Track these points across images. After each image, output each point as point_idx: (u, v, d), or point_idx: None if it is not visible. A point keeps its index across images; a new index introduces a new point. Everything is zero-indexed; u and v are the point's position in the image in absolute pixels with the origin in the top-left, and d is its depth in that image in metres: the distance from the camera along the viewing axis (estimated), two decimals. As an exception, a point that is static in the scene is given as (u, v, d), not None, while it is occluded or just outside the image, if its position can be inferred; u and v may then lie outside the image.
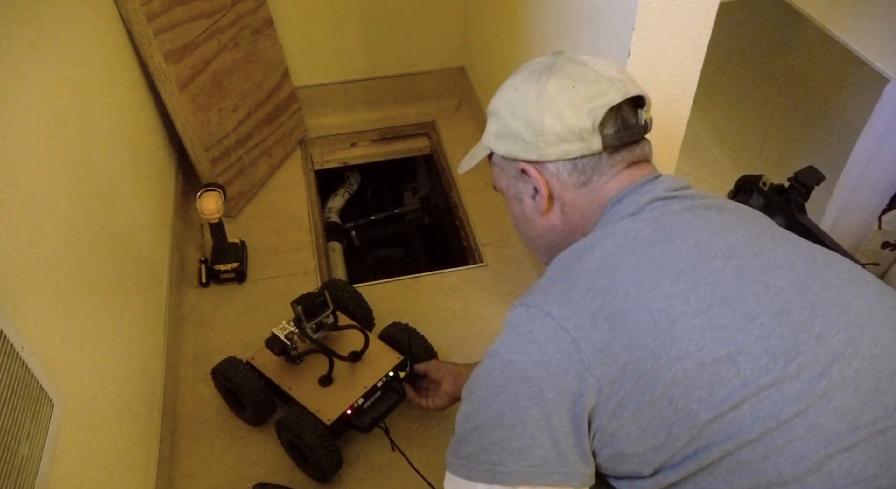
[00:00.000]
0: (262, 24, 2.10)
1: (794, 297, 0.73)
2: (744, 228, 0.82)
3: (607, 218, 0.85)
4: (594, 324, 0.72)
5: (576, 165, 0.87)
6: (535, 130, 0.86)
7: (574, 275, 0.78)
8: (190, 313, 1.76)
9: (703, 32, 1.17)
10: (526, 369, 0.73)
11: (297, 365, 1.45)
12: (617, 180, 0.87)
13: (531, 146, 0.87)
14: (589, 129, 0.84)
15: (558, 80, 0.86)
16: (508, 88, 0.91)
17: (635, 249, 0.77)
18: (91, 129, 1.40)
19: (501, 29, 1.95)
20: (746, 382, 0.68)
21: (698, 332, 0.70)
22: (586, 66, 0.87)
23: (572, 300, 0.74)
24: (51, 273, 1.07)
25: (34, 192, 1.07)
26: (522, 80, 0.90)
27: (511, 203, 0.98)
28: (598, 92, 0.85)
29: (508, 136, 0.90)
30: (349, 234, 2.56)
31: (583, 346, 0.72)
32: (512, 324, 0.78)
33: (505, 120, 0.90)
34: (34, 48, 1.18)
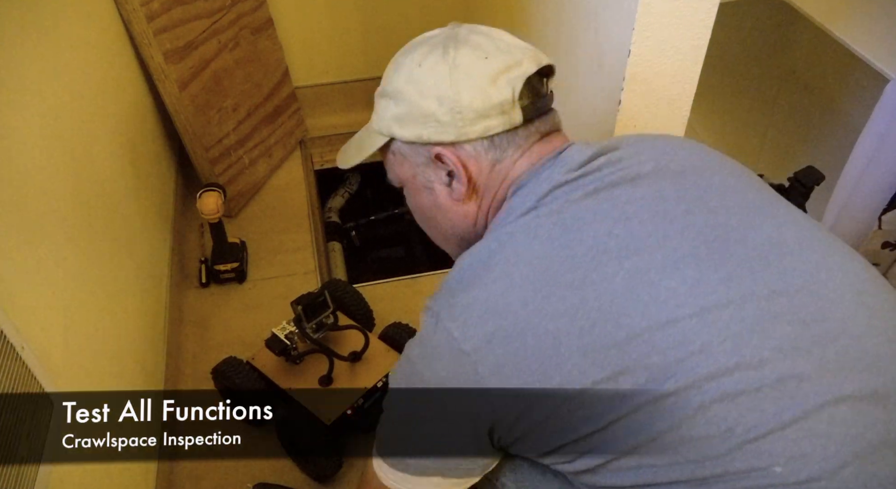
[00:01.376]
0: (261, 24, 2.10)
1: (685, 301, 0.69)
2: (657, 202, 0.76)
3: (507, 212, 0.81)
4: (490, 347, 0.71)
5: (493, 142, 0.81)
6: (451, 108, 0.79)
7: (477, 288, 0.75)
8: (190, 313, 1.76)
9: (703, 32, 1.16)
10: (431, 383, 0.74)
11: (297, 365, 1.45)
12: (527, 157, 0.82)
13: (447, 126, 0.80)
14: (509, 101, 0.79)
15: (468, 51, 0.81)
16: (409, 65, 0.83)
17: (532, 257, 0.74)
18: (91, 128, 1.39)
19: (501, 29, 1.95)
20: (626, 399, 0.68)
21: (582, 355, 0.69)
22: (490, 36, 0.83)
23: (471, 320, 0.73)
24: (51, 273, 1.07)
25: (34, 191, 1.07)
26: (424, 54, 0.82)
27: (417, 195, 0.89)
28: (513, 61, 0.80)
29: (417, 118, 0.82)
30: (349, 233, 2.56)
31: (480, 370, 0.72)
32: (422, 334, 0.78)
33: (412, 100, 0.82)
34: (34, 48, 1.18)
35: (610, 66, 1.25)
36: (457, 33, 0.84)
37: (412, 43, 0.87)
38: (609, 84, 1.26)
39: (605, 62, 1.27)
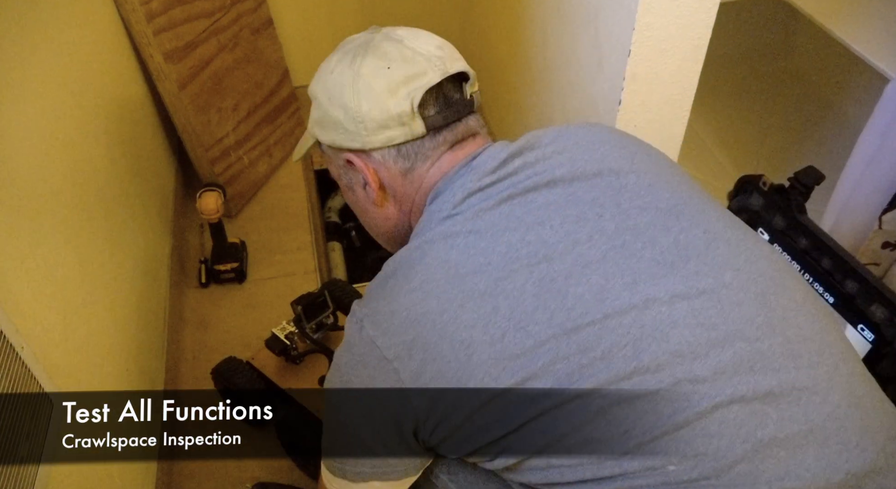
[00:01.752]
0: (261, 23, 2.10)
1: (592, 307, 0.71)
2: (570, 207, 0.76)
3: (427, 219, 0.82)
4: (411, 355, 0.73)
5: (400, 151, 0.82)
6: (354, 117, 0.81)
7: (398, 296, 0.76)
8: (190, 313, 1.76)
9: (703, 32, 1.16)
10: (358, 389, 0.77)
11: (297, 365, 1.45)
12: (437, 167, 0.83)
13: (353, 135, 0.82)
14: (409, 113, 0.79)
15: (373, 60, 0.81)
16: (325, 71, 0.85)
17: (448, 266, 0.75)
18: (91, 128, 1.40)
19: (501, 29, 1.95)
20: (534, 403, 0.71)
21: (493, 363, 0.71)
22: (402, 43, 0.82)
23: (392, 328, 0.75)
24: (51, 273, 1.07)
25: (34, 192, 1.07)
26: (337, 61, 0.84)
27: (345, 192, 0.92)
28: (415, 71, 0.80)
29: (329, 124, 0.84)
30: (349, 234, 2.56)
31: (402, 376, 0.74)
32: (348, 338, 0.79)
33: (324, 107, 0.84)
34: (34, 48, 1.18)
35: (610, 66, 1.25)
36: (371, 39, 0.84)
37: (338, 46, 0.88)
38: (609, 84, 1.26)
39: (605, 62, 1.27)
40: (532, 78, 1.72)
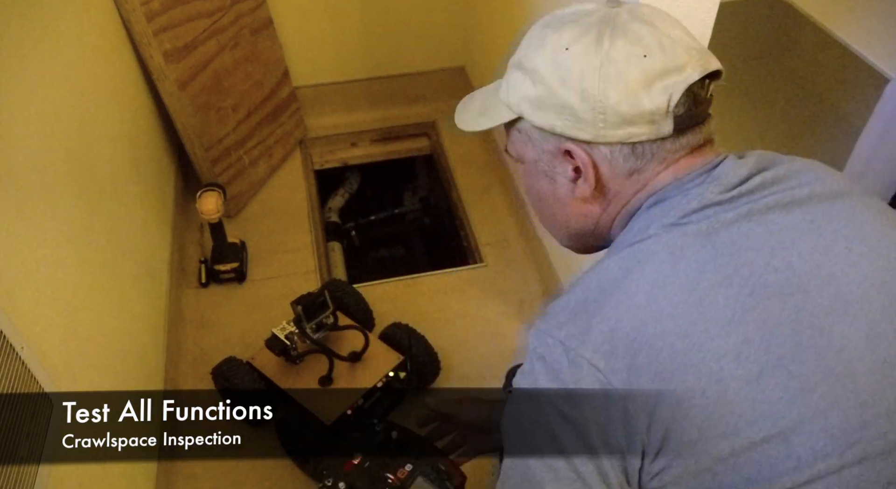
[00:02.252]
0: (261, 23, 2.10)
1: (864, 352, 0.62)
2: (813, 235, 0.68)
3: (645, 220, 0.72)
4: (640, 381, 0.64)
5: (634, 150, 0.72)
6: (594, 106, 0.70)
7: (620, 312, 0.66)
8: (190, 313, 1.76)
9: (703, 32, 1.16)
10: (572, 416, 0.66)
11: (297, 365, 1.45)
12: (672, 169, 0.73)
13: (585, 124, 0.71)
14: (663, 112, 0.69)
15: (626, 45, 0.69)
16: (555, 45, 0.72)
17: (681, 280, 0.66)
18: (91, 128, 1.39)
19: (501, 29, 1.95)
20: (800, 466, 0.61)
21: (749, 405, 0.62)
22: (655, 26, 0.70)
23: (618, 351, 0.64)
24: (51, 273, 1.07)
25: (34, 192, 1.07)
26: (575, 38, 0.71)
27: (535, 178, 0.80)
28: (674, 64, 0.69)
29: (554, 106, 0.72)
30: (349, 233, 2.56)
31: (630, 408, 0.64)
32: (552, 367, 0.67)
33: (551, 86, 0.72)
34: (34, 48, 1.18)
35: (610, 66, 1.25)
36: (616, 16, 0.71)
37: (561, 16, 0.75)
38: (609, 84, 1.26)
39: (605, 62, 1.27)
40: (532, 78, 1.72)
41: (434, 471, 1.07)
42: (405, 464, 1.06)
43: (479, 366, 1.62)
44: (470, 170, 2.25)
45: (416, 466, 1.07)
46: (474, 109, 0.83)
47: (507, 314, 1.76)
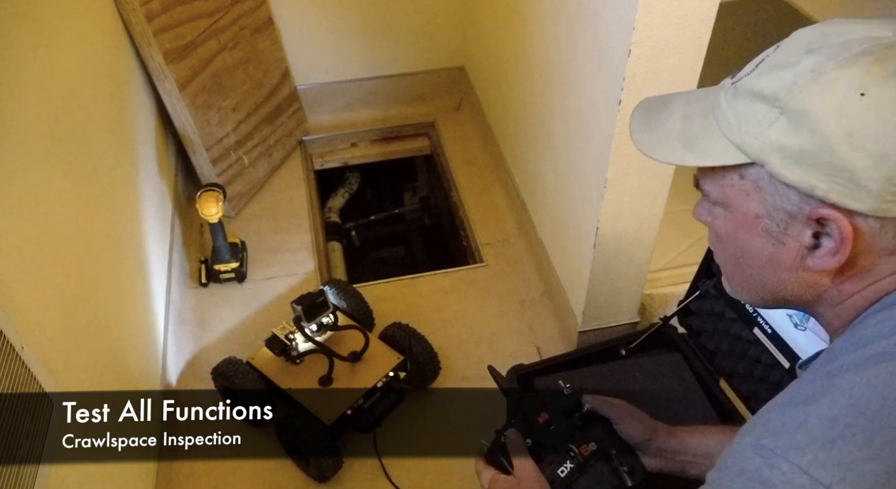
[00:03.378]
0: (261, 23, 2.10)
1: None
2: None
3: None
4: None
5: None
6: (889, 176, 0.54)
7: (892, 447, 0.51)
8: (190, 313, 1.76)
9: (703, 32, 1.16)
10: None
11: (297, 365, 1.45)
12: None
13: (866, 194, 0.55)
14: None
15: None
16: (844, 87, 0.54)
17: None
18: (91, 128, 1.39)
19: (501, 29, 1.95)
20: None
21: None
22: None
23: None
24: (51, 273, 1.07)
25: (34, 192, 1.07)
26: (879, 79, 0.53)
27: (748, 234, 0.63)
28: None
29: (821, 165, 0.56)
30: (349, 233, 2.56)
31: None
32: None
33: (829, 141, 0.55)
34: (34, 48, 1.18)
35: (610, 66, 1.25)
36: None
37: (842, 42, 0.56)
38: (609, 84, 1.26)
39: (605, 62, 1.27)
40: (532, 78, 1.72)
41: (618, 459, 0.98)
42: (590, 442, 0.97)
43: (480, 366, 1.62)
44: (470, 170, 2.25)
45: (601, 448, 0.97)
46: (671, 131, 0.66)
47: (507, 314, 1.76)
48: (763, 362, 1.22)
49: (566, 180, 1.57)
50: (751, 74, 0.61)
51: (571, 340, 1.65)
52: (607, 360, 1.43)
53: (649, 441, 0.97)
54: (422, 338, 1.52)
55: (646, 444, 0.97)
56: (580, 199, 1.49)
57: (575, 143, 1.48)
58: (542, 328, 1.72)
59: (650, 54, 1.17)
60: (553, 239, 1.75)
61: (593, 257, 1.44)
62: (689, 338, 1.41)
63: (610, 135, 1.27)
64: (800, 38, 0.60)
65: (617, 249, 1.45)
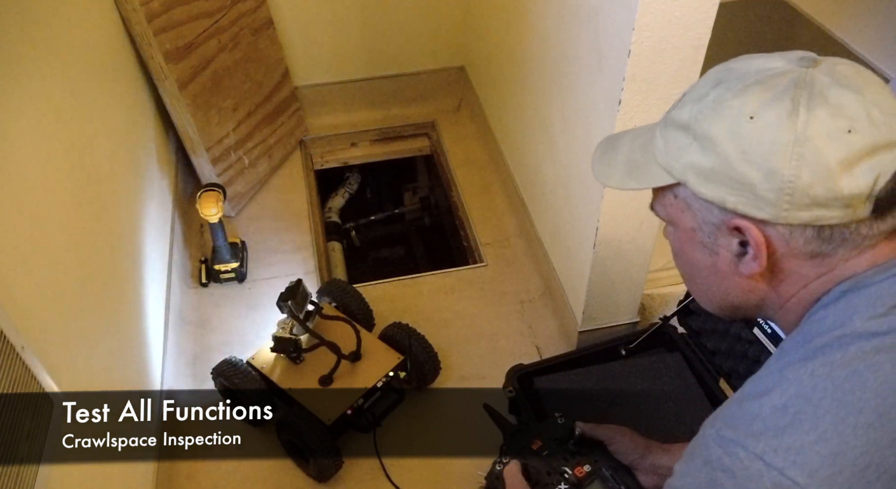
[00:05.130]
0: (262, 24, 2.10)
1: None
2: None
3: (844, 311, 0.62)
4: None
5: (821, 234, 0.62)
6: (780, 188, 0.60)
7: (843, 431, 0.56)
8: (190, 313, 1.76)
9: (703, 32, 1.16)
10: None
11: (297, 365, 1.45)
12: (867, 256, 0.63)
13: (765, 203, 0.62)
14: (864, 196, 0.59)
15: (826, 116, 0.59)
16: (737, 113, 0.62)
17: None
18: (91, 129, 1.40)
19: (501, 29, 1.95)
20: None
21: None
22: (861, 92, 0.60)
23: (840, 479, 0.55)
24: (51, 273, 1.07)
25: (34, 192, 1.07)
26: (763, 105, 0.61)
27: (690, 247, 0.71)
28: (885, 140, 0.59)
29: (726, 181, 0.63)
30: (349, 233, 2.57)
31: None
32: (743, 483, 0.58)
33: (729, 160, 0.62)
34: (34, 49, 1.18)
35: (610, 66, 1.25)
36: (812, 79, 0.61)
37: (741, 73, 0.64)
38: (609, 84, 1.26)
39: (605, 62, 1.27)
40: (532, 78, 1.73)
41: (613, 479, 1.02)
42: (584, 464, 1.02)
43: (479, 366, 1.62)
44: (470, 169, 2.25)
45: (595, 470, 1.01)
46: (619, 162, 0.74)
47: (507, 314, 1.76)
48: (763, 362, 1.22)
49: (566, 180, 1.58)
50: (675, 107, 0.69)
51: (571, 340, 1.65)
52: (607, 360, 1.43)
53: (643, 459, 1.01)
54: (422, 337, 1.52)
55: (640, 462, 1.01)
56: (580, 199, 1.49)
57: (575, 143, 1.48)
58: (542, 328, 1.72)
59: (650, 54, 1.17)
60: (553, 239, 1.75)
61: (593, 257, 1.44)
62: (689, 338, 1.41)
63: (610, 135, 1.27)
64: (713, 73, 0.68)
65: (617, 249, 1.45)
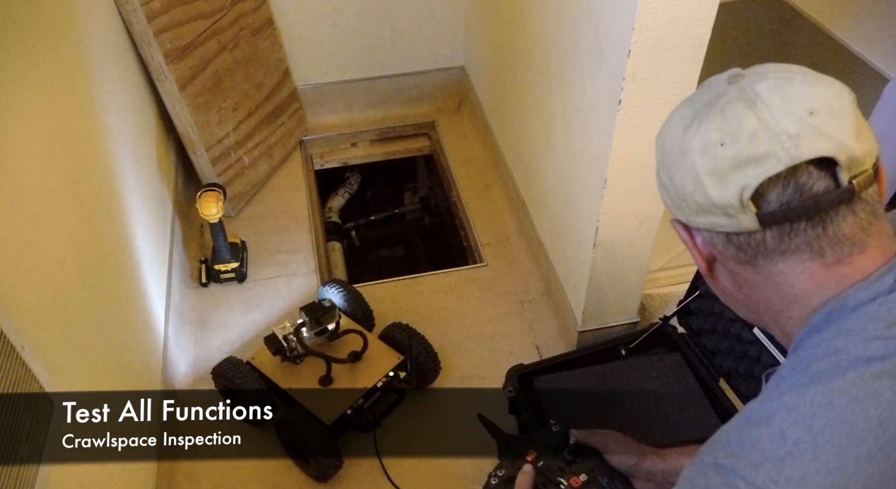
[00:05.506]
0: (262, 24, 2.10)
1: None
2: None
3: (836, 337, 0.61)
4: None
5: (731, 240, 0.66)
6: (677, 192, 0.67)
7: (845, 462, 0.55)
8: (190, 313, 1.76)
9: (703, 32, 1.16)
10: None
11: (297, 365, 1.45)
12: (810, 281, 0.64)
13: (678, 206, 0.68)
14: (736, 207, 0.63)
15: (708, 132, 0.64)
16: (669, 124, 0.70)
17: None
18: (91, 129, 1.40)
19: (501, 29, 1.95)
20: None
21: None
22: (755, 106, 0.63)
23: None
24: (51, 273, 1.07)
25: (34, 192, 1.07)
26: (680, 118, 0.68)
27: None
28: (753, 154, 0.62)
29: (661, 184, 0.71)
30: (349, 233, 2.57)
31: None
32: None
33: (658, 166, 0.71)
34: (34, 48, 1.18)
35: (610, 66, 1.25)
36: (723, 94, 0.66)
37: (697, 90, 0.71)
38: (609, 84, 1.26)
39: (605, 62, 1.27)
40: (532, 78, 1.73)
41: (610, 487, 1.00)
42: (580, 474, 1.01)
43: (479, 366, 1.62)
44: (470, 169, 2.25)
45: (592, 479, 1.01)
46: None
47: (507, 314, 1.76)
48: (763, 362, 1.22)
49: (566, 180, 1.58)
50: None
51: (571, 340, 1.65)
52: (607, 360, 1.43)
53: (638, 465, 1.00)
54: (422, 338, 1.52)
55: (636, 469, 1.01)
56: (580, 198, 1.49)
57: (575, 142, 1.48)
58: (542, 328, 1.72)
59: (650, 54, 1.17)
60: (553, 239, 1.75)
61: (593, 257, 1.44)
62: (689, 338, 1.41)
63: (610, 135, 1.27)
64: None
65: (617, 249, 1.45)
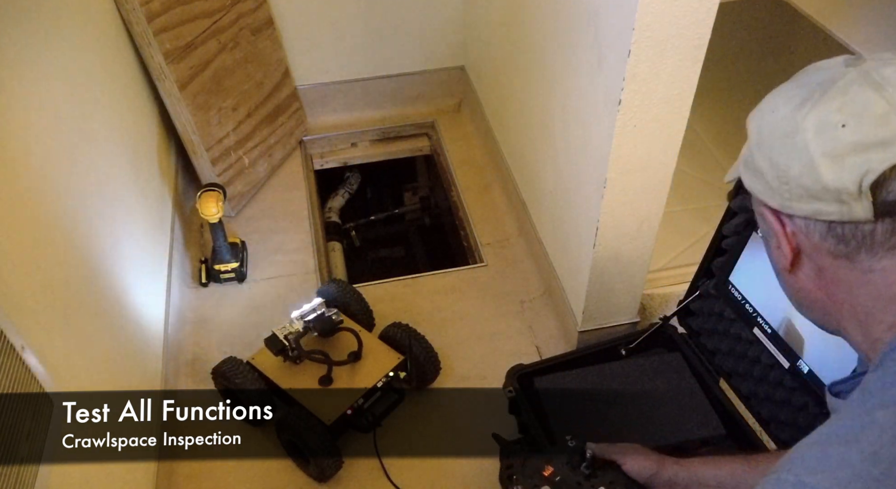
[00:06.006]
0: (262, 24, 2.10)
1: None
2: None
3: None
4: None
5: (832, 230, 0.62)
6: (778, 176, 0.64)
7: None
8: (190, 313, 1.76)
9: (703, 32, 1.16)
10: None
11: (297, 365, 1.45)
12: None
13: (773, 192, 0.65)
14: (852, 193, 0.59)
15: (825, 111, 0.60)
16: (768, 105, 0.67)
17: None
18: (91, 129, 1.40)
19: (501, 29, 1.95)
20: None
21: None
22: (883, 89, 0.59)
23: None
24: (51, 273, 1.07)
25: (34, 192, 1.07)
26: (787, 100, 0.64)
27: (763, 239, 0.75)
28: (881, 137, 0.58)
29: (752, 168, 0.68)
30: (349, 233, 2.57)
31: None
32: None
33: (752, 148, 0.68)
34: (34, 48, 1.18)
35: (610, 66, 1.25)
36: (841, 76, 0.62)
37: (804, 71, 0.68)
38: (609, 84, 1.26)
39: (605, 62, 1.27)
40: (532, 78, 1.73)
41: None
42: (599, 486, 1.01)
43: (479, 366, 1.62)
44: (470, 169, 2.25)
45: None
46: (735, 165, 0.79)
47: (507, 314, 1.76)
48: (763, 362, 1.22)
49: (566, 180, 1.58)
50: None
51: (571, 340, 1.65)
52: (607, 360, 1.43)
53: (658, 475, 1.00)
54: (422, 338, 1.52)
55: (654, 479, 1.00)
56: (580, 198, 1.49)
57: (575, 142, 1.48)
58: (542, 328, 1.72)
59: (650, 54, 1.17)
60: (553, 239, 1.75)
61: (593, 257, 1.44)
62: (689, 338, 1.41)
63: (610, 135, 1.27)
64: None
65: (617, 249, 1.45)
